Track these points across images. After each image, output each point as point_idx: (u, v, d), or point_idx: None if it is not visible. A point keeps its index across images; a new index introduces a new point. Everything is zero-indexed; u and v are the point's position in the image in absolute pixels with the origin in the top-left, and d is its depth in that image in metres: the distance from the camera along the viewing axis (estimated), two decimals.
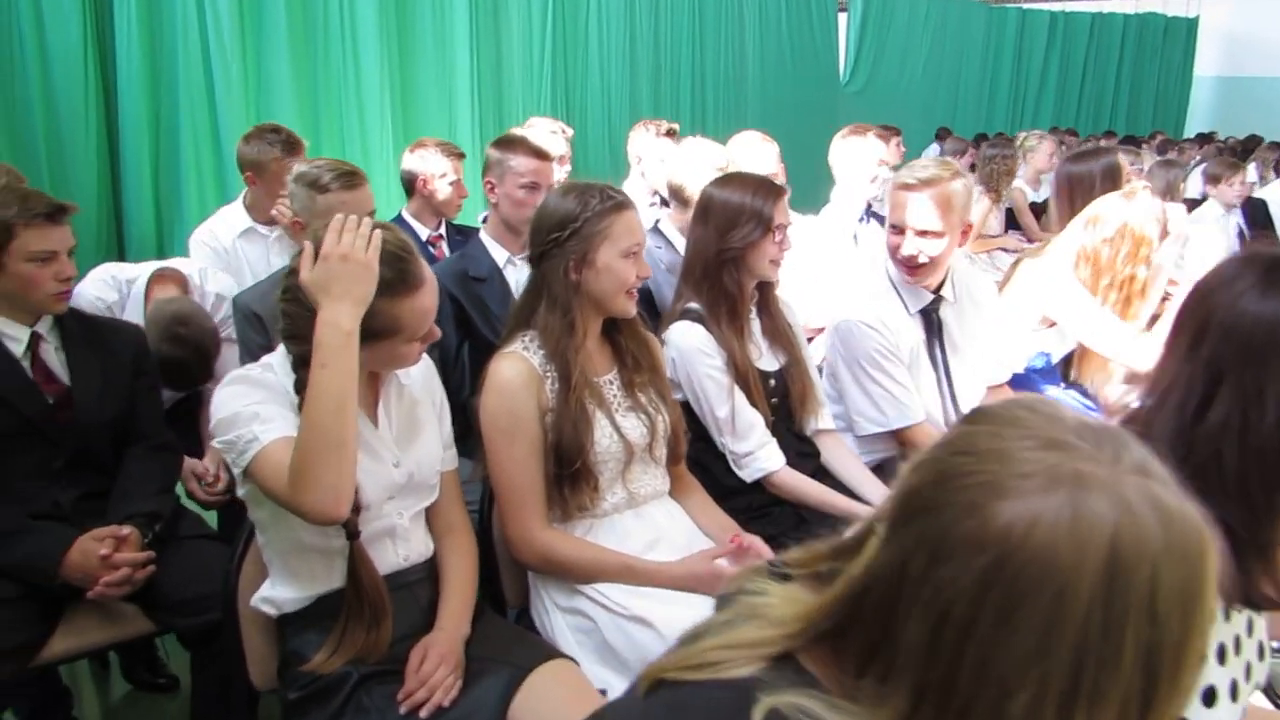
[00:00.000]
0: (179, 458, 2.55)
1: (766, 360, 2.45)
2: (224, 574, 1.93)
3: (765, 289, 2.45)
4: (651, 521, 2.08)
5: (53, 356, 2.31)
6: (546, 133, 4.24)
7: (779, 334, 2.46)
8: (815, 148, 4.88)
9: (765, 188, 2.35)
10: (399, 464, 1.82)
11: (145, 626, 2.23)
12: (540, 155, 2.97)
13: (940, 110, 12.64)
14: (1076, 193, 3.29)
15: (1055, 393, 2.92)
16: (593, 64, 9.37)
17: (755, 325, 2.46)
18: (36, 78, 5.83)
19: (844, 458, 2.52)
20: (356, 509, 1.70)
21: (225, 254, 3.43)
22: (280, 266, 3.46)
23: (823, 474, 2.48)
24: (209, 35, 6.61)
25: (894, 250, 2.53)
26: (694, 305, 2.38)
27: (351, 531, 1.70)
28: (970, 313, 2.72)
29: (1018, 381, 2.90)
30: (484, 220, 4.32)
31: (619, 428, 2.03)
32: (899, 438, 2.59)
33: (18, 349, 2.26)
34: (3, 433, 2.20)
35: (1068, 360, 2.97)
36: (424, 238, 3.73)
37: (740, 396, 2.33)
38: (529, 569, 2.04)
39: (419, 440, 1.88)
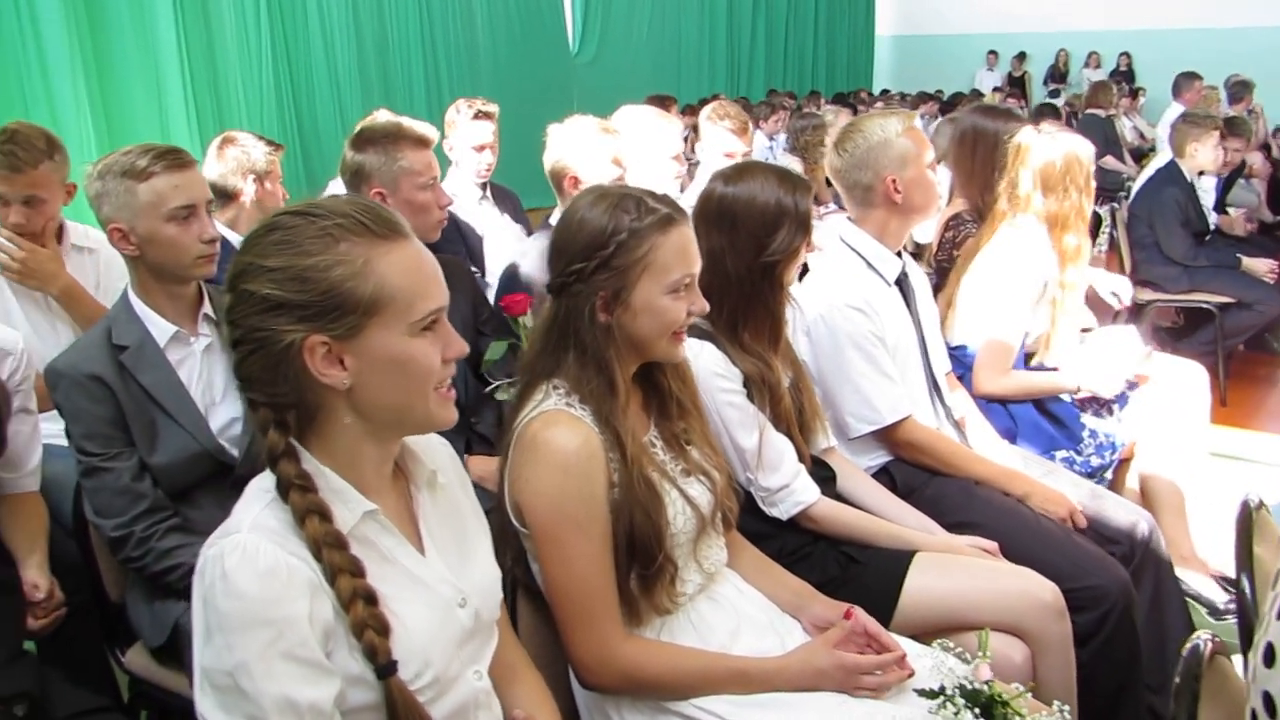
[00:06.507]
0: (21, 598, 1.83)
1: None
2: None
3: None
4: (728, 604, 1.67)
5: None
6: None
7: (784, 346, 2.11)
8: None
9: (793, 181, 1.98)
10: (465, 602, 1.29)
11: None
12: (428, 143, 2.43)
13: (666, 77, 12.64)
14: (979, 147, 3.25)
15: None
16: (315, 37, 8.49)
17: None
18: None
19: (856, 477, 2.21)
20: (393, 667, 1.17)
21: None
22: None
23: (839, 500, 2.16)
24: None
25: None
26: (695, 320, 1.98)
27: (386, 668, 1.16)
28: (916, 278, 2.52)
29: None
30: None
31: (688, 497, 1.61)
32: (888, 436, 2.32)
33: None
34: None
35: None
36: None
37: (768, 423, 1.97)
38: (604, 692, 1.57)
39: (476, 559, 1.36)
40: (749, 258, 1.96)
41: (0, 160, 2.48)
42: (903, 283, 2.42)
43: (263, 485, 1.20)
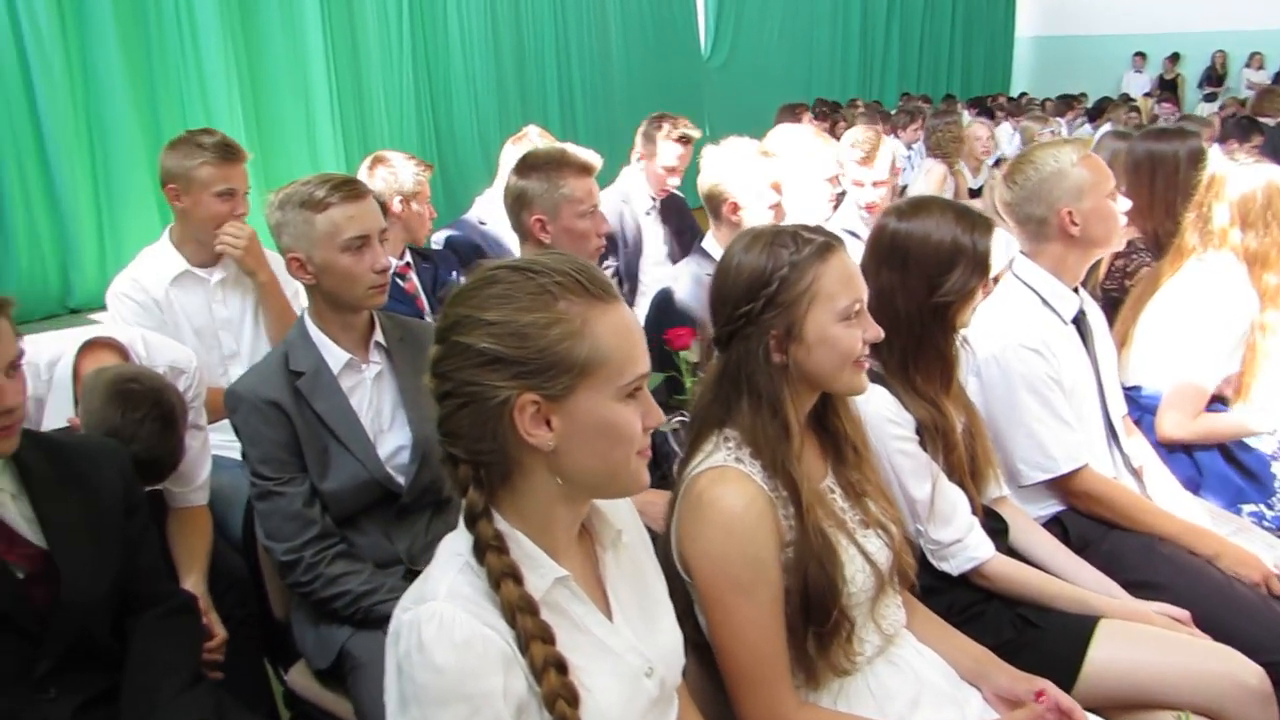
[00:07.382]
0: (200, 622, 1.88)
1: None
2: None
3: None
4: (908, 668, 1.60)
5: (11, 508, 1.62)
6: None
7: (956, 389, 2.02)
8: None
9: (972, 219, 1.89)
10: (651, 671, 1.26)
11: None
12: (590, 170, 2.42)
13: (797, 81, 12.48)
14: (1158, 174, 3.03)
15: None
16: (454, 48, 8.65)
17: None
18: None
19: (1030, 530, 2.10)
20: None
21: (157, 308, 2.71)
22: (229, 318, 2.78)
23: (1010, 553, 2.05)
24: (22, 25, 5.74)
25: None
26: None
27: None
28: (1093, 316, 2.38)
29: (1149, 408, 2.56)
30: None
31: (866, 553, 1.54)
32: (1063, 486, 2.20)
33: None
34: None
35: None
36: (392, 268, 3.11)
37: (940, 473, 1.88)
38: None
39: (660, 623, 1.33)
40: (920, 297, 1.87)
41: (222, 152, 2.61)
42: (1080, 321, 2.29)
43: (454, 548, 1.19)
